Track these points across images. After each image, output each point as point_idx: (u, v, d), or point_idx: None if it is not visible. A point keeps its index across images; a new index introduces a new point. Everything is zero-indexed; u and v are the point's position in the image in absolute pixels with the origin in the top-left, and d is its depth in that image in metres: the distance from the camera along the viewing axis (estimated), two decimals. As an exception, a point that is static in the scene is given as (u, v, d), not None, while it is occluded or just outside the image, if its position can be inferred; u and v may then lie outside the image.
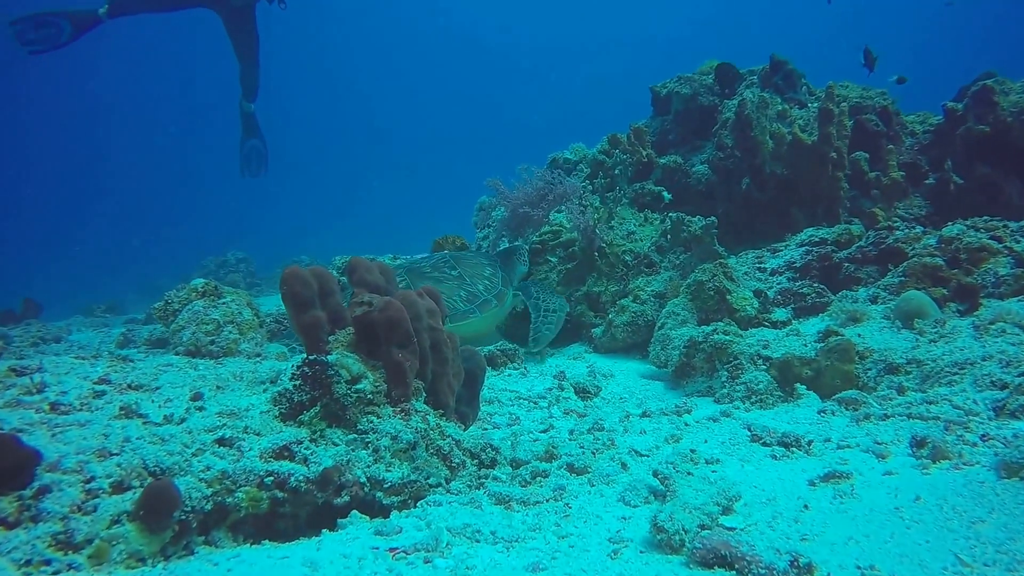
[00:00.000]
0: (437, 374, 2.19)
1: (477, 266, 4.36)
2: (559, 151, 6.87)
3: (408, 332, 2.02)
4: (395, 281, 2.42)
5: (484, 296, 4.14)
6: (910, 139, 5.47)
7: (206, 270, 11.44)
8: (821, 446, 2.02)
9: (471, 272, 4.26)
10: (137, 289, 11.68)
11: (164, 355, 3.04)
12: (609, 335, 4.28)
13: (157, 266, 15.61)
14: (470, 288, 4.13)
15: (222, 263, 11.76)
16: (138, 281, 13.15)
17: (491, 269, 4.40)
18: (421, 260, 4.48)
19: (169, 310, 3.35)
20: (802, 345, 2.94)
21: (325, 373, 1.86)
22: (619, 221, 4.98)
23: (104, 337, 5.30)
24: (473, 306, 4.05)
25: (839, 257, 3.68)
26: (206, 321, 3.13)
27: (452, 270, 4.22)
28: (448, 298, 3.99)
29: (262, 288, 10.96)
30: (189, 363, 2.66)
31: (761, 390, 2.76)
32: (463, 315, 3.97)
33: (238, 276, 10.90)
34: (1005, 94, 4.79)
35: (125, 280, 13.95)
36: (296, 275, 2.06)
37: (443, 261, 4.31)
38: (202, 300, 3.25)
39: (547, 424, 2.66)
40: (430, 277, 4.11)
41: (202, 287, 3.36)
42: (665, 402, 3.04)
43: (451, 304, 3.96)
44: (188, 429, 1.75)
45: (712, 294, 3.48)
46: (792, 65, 5.77)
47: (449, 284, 4.09)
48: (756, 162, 4.97)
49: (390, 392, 1.99)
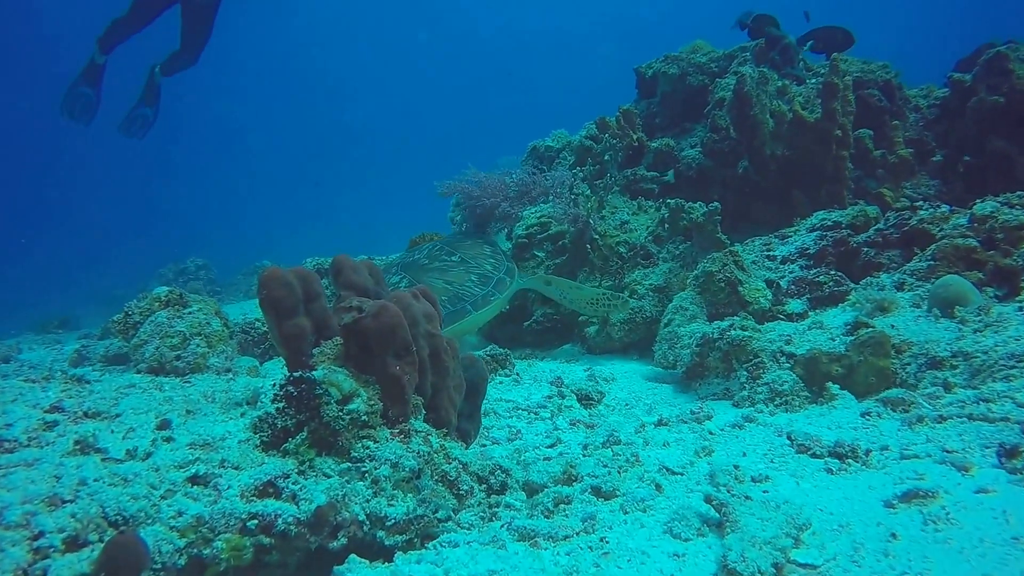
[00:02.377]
0: (437, 387, 1.92)
1: (474, 246, 4.09)
2: (540, 139, 6.61)
3: (406, 340, 1.75)
4: (384, 282, 2.15)
5: (496, 275, 3.86)
6: (914, 114, 5.28)
7: (164, 279, 10.90)
8: (881, 456, 1.79)
9: (472, 254, 3.98)
10: (91, 301, 11.04)
11: (125, 374, 2.73)
12: (605, 334, 4.03)
13: (112, 276, 14.88)
14: (478, 270, 3.85)
15: (181, 271, 11.28)
16: (92, 293, 12.52)
17: (489, 247, 4.14)
18: (413, 253, 4.17)
19: (129, 323, 3.04)
20: (828, 339, 2.71)
21: (312, 392, 1.58)
22: (611, 210, 4.73)
23: (57, 355, 4.93)
24: (490, 287, 3.77)
25: (856, 242, 3.45)
26: (171, 334, 2.82)
27: (451, 256, 3.94)
28: (461, 284, 3.73)
29: (223, 296, 10.46)
30: (153, 383, 2.37)
31: (786, 391, 2.53)
32: (484, 299, 3.70)
33: (198, 284, 10.42)
34: (1021, 61, 4.55)
35: (77, 292, 13.28)
36: (277, 278, 1.78)
37: (438, 249, 4.02)
38: (166, 311, 2.94)
39: (554, 438, 2.40)
40: (432, 268, 3.83)
41: (165, 296, 3.05)
42: (678, 407, 2.79)
43: (467, 290, 3.68)
44: (155, 466, 1.48)
45: (723, 286, 3.24)
46: (790, 39, 5.55)
47: (457, 271, 3.81)
48: (756, 143, 4.74)
49: (386, 411, 1.72)
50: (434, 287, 3.70)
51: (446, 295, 3.66)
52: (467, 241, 4.16)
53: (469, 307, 3.65)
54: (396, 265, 3.98)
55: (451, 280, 3.75)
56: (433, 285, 3.70)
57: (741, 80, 4.70)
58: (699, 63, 6.19)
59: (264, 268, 1.79)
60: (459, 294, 3.68)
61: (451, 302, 3.63)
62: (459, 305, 3.64)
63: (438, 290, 3.67)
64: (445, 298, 3.64)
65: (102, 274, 16.01)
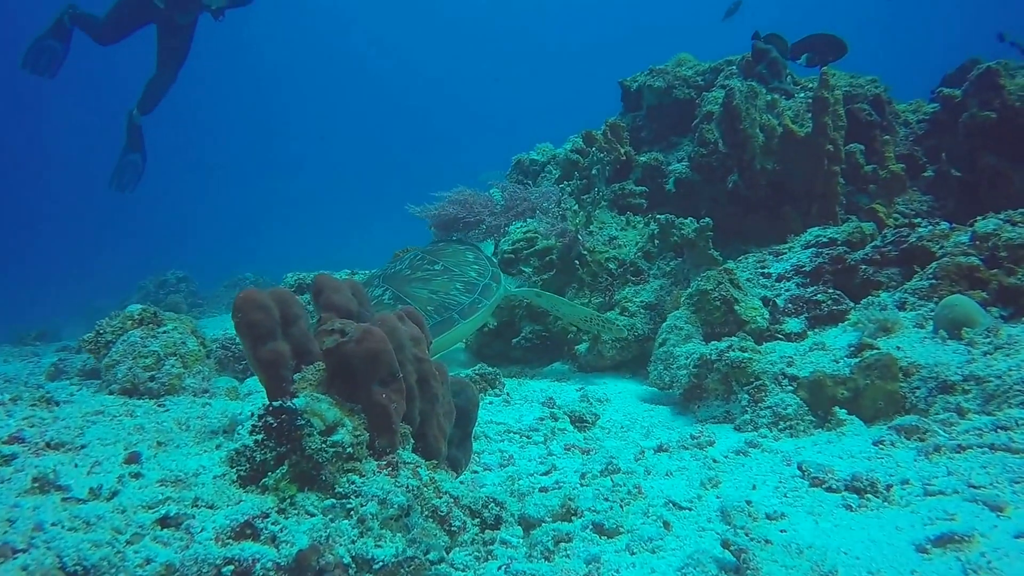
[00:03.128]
0: (426, 415, 1.79)
1: (456, 253, 3.96)
2: (524, 152, 6.52)
3: (392, 365, 1.63)
4: (369, 303, 2.02)
5: (482, 281, 3.73)
6: (904, 129, 5.25)
7: (145, 291, 10.74)
8: (903, 491, 1.68)
9: (455, 262, 3.85)
10: (71, 313, 10.82)
11: (96, 395, 2.58)
12: (595, 352, 3.92)
13: (92, 288, 14.52)
14: (462, 278, 3.72)
15: (162, 283, 11.00)
16: (72, 304, 12.16)
17: (471, 253, 4.01)
18: (394, 264, 4.03)
19: (101, 341, 2.88)
20: (832, 361, 2.62)
21: (293, 423, 1.45)
22: (599, 225, 4.63)
23: (34, 368, 4.76)
24: (476, 294, 3.65)
25: (854, 259, 3.37)
26: (144, 354, 2.67)
27: (434, 265, 3.81)
28: (446, 293, 3.60)
29: (205, 308, 10.36)
30: (125, 406, 2.21)
31: (791, 415, 2.43)
32: (472, 307, 3.57)
33: (179, 297, 10.22)
34: (1011, 76, 4.53)
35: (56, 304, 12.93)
36: (253, 300, 1.65)
37: (419, 259, 3.89)
38: (139, 329, 2.79)
39: (548, 464, 2.28)
40: (414, 279, 3.69)
41: (139, 314, 2.90)
42: (677, 431, 2.68)
43: (453, 299, 3.56)
44: (121, 506, 1.33)
45: (719, 304, 3.14)
46: (776, 53, 5.51)
47: (440, 280, 3.68)
48: (745, 158, 4.67)
49: (373, 442, 1.59)
50: (418, 298, 3.58)
51: (431, 305, 3.54)
52: (448, 248, 4.04)
53: (456, 316, 3.53)
54: (378, 277, 3.85)
55: (436, 289, 3.64)
56: (417, 296, 3.58)
57: (730, 94, 4.64)
58: (685, 76, 6.14)
59: (241, 289, 1.65)
60: (445, 303, 3.56)
61: (437, 312, 3.52)
62: (446, 315, 3.52)
63: (423, 300, 3.55)
64: (431, 308, 3.53)
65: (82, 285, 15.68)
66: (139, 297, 10.40)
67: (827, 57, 5.52)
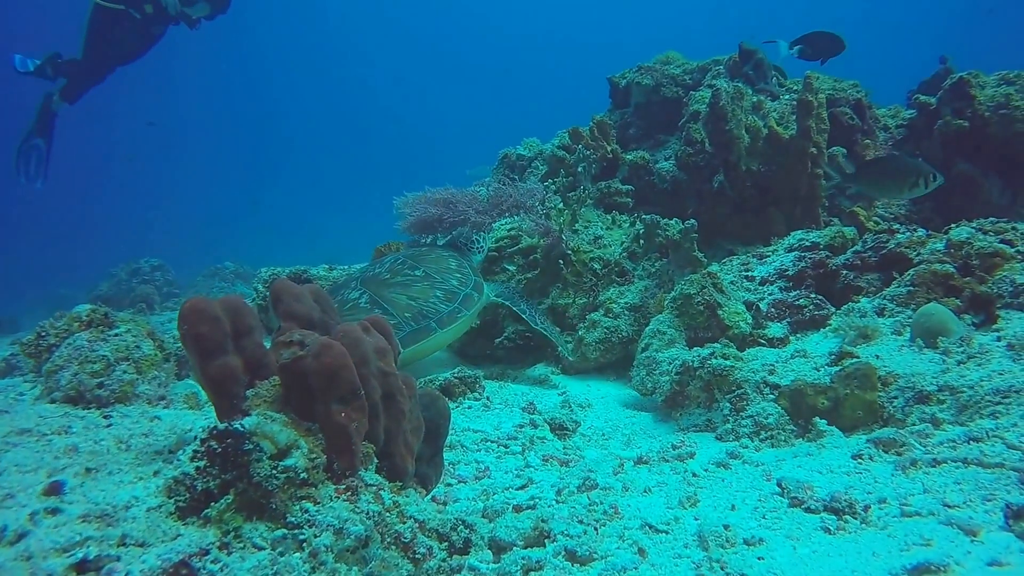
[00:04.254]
0: (391, 433, 1.70)
1: (439, 260, 3.85)
2: (511, 147, 6.42)
3: (353, 383, 1.53)
4: (333, 310, 1.92)
5: (463, 291, 3.63)
6: (883, 133, 5.21)
7: (116, 279, 10.20)
8: (880, 512, 1.62)
9: (436, 268, 3.75)
10: (36, 302, 10.34)
11: (36, 405, 2.42)
12: (579, 354, 3.84)
13: (60, 276, 14.10)
14: (444, 285, 3.62)
15: (134, 271, 10.38)
16: (38, 293, 11.76)
17: (455, 261, 3.89)
18: (374, 266, 3.91)
19: (42, 345, 2.73)
20: (813, 369, 2.54)
21: (240, 448, 1.35)
22: (584, 224, 4.54)
23: None
24: (456, 303, 3.55)
25: (835, 264, 3.31)
26: (92, 359, 2.49)
27: (414, 270, 3.70)
28: (425, 300, 3.50)
29: (180, 298, 9.78)
30: (64, 419, 2.08)
31: (771, 424, 2.36)
32: (451, 316, 3.47)
33: (151, 288, 9.74)
34: (981, 87, 4.58)
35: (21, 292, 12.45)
36: (199, 310, 1.54)
37: (400, 263, 3.78)
38: (87, 332, 2.61)
39: (525, 478, 2.19)
40: (393, 283, 3.59)
41: (87, 315, 2.74)
42: (658, 439, 2.61)
43: (432, 307, 3.46)
44: (27, 552, 1.16)
45: (702, 309, 3.06)
46: (762, 54, 5.44)
47: (420, 286, 3.58)
48: (731, 158, 4.60)
49: (331, 464, 1.50)
50: (397, 303, 3.48)
51: (410, 312, 3.44)
52: (431, 254, 3.92)
53: (434, 325, 3.43)
54: (356, 280, 3.73)
55: (415, 296, 3.53)
56: (396, 301, 3.48)
57: (716, 94, 4.57)
58: (673, 75, 6.08)
59: (187, 298, 1.54)
60: (423, 311, 3.46)
61: (415, 319, 3.42)
62: (424, 323, 3.42)
63: (401, 306, 3.45)
64: (409, 315, 3.43)
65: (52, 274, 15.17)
66: (109, 286, 9.99)
67: (824, 53, 5.46)
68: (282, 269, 5.71)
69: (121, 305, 8.86)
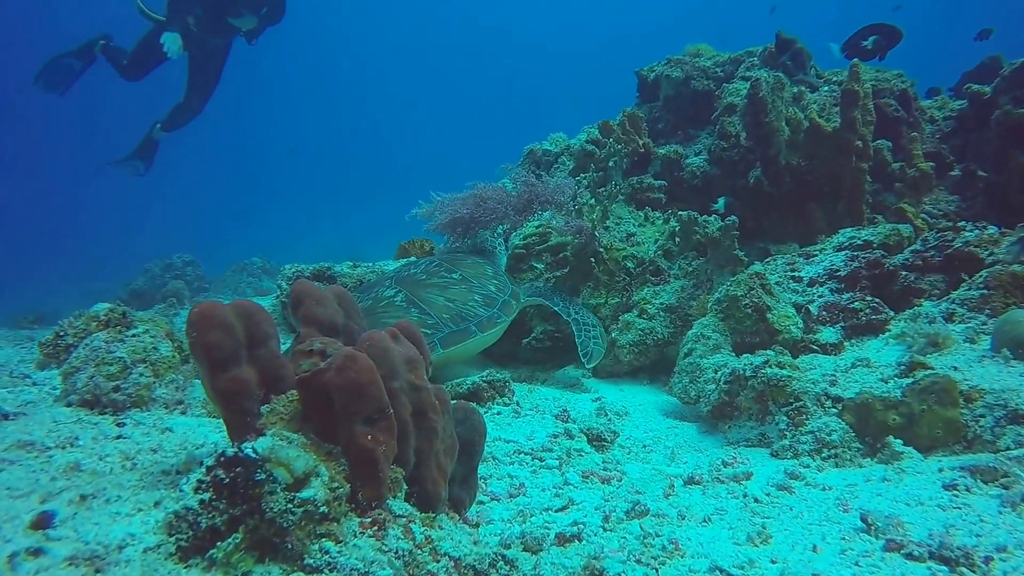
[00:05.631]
0: (423, 454, 1.51)
1: (475, 265, 3.70)
2: (536, 142, 6.21)
3: (380, 400, 1.34)
4: (359, 314, 1.73)
5: (502, 297, 3.50)
6: (930, 126, 4.95)
7: (151, 274, 10.55)
8: (1004, 565, 1.38)
9: (473, 273, 3.60)
10: (73, 296, 10.51)
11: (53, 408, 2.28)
12: (612, 357, 3.64)
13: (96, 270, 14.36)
14: (481, 290, 3.47)
15: (167, 266, 10.78)
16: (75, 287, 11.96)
17: (491, 267, 3.76)
18: (408, 267, 3.75)
19: (61, 344, 2.60)
20: (879, 380, 2.32)
21: (250, 478, 1.16)
22: (615, 221, 4.33)
23: (26, 354, 4.47)
24: (495, 309, 3.41)
25: (892, 264, 3.07)
26: (108, 361, 2.37)
27: (451, 273, 3.55)
28: (464, 303, 3.36)
29: (210, 293, 10.16)
30: (76, 426, 1.92)
31: (835, 441, 2.15)
32: (490, 320, 3.33)
33: (181, 284, 9.94)
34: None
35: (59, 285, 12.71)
36: (210, 316, 1.36)
37: (436, 265, 3.62)
38: (104, 332, 2.49)
39: (565, 498, 1.99)
40: (430, 284, 3.43)
41: (105, 314, 2.61)
42: (705, 453, 2.40)
43: (471, 310, 3.32)
44: None
45: (750, 312, 2.85)
46: (801, 43, 5.19)
47: (458, 289, 3.44)
48: (770, 152, 4.37)
49: (355, 494, 1.31)
50: (434, 304, 3.32)
51: (448, 313, 3.29)
52: (467, 260, 3.77)
53: (474, 328, 3.29)
54: (390, 278, 3.56)
55: (453, 298, 3.39)
56: (433, 302, 3.33)
57: (756, 84, 4.33)
58: (704, 67, 5.85)
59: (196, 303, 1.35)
60: (462, 313, 3.32)
61: (454, 321, 3.26)
62: (463, 325, 3.27)
63: (439, 307, 3.30)
64: (447, 316, 3.28)
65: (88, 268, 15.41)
66: (144, 280, 10.33)
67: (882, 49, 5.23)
68: (306, 266, 5.54)
69: (153, 300, 9.17)
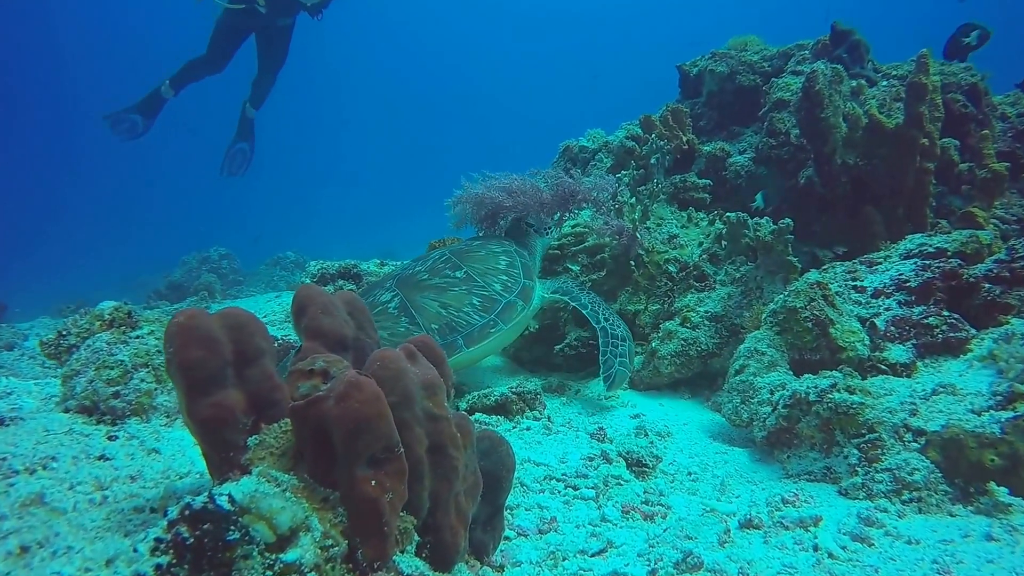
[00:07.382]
0: (439, 498, 1.27)
1: (487, 257, 3.37)
2: (573, 139, 5.94)
3: (388, 437, 1.10)
4: (372, 325, 1.50)
5: (505, 298, 3.16)
6: (1001, 124, 4.58)
7: (188, 266, 10.96)
8: None
9: (481, 268, 3.27)
10: (116, 286, 11.01)
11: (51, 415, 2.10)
12: (651, 368, 3.37)
13: (137, 261, 14.72)
14: (484, 291, 3.15)
15: (204, 259, 11.25)
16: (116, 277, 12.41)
17: (506, 258, 3.39)
18: (416, 263, 3.47)
19: (63, 345, 2.42)
20: (969, 412, 2.03)
21: (220, 537, 0.93)
22: (656, 222, 4.06)
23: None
24: (492, 315, 3.08)
25: (972, 275, 2.76)
26: (109, 364, 2.18)
27: (456, 271, 3.23)
28: (458, 310, 3.05)
29: (243, 287, 10.37)
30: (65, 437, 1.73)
31: (918, 483, 1.87)
32: (482, 332, 3.01)
33: (214, 277, 10.16)
34: None
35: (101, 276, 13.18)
36: (191, 329, 1.14)
37: (442, 261, 3.31)
38: (108, 333, 2.31)
39: (603, 539, 1.74)
40: (428, 286, 3.14)
41: (110, 314, 2.42)
42: (761, 486, 2.13)
43: (463, 318, 3.02)
44: None
45: (810, 326, 2.56)
46: (859, 35, 4.85)
47: (455, 292, 3.12)
48: (824, 150, 4.06)
49: (354, 551, 1.08)
50: (427, 311, 3.04)
51: (437, 323, 2.98)
52: (481, 251, 3.44)
53: (461, 341, 2.95)
54: (392, 278, 3.29)
55: (447, 302, 3.07)
56: (426, 308, 3.03)
57: (812, 77, 4.02)
58: (750, 61, 5.54)
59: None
60: (452, 323, 3.00)
61: (441, 333, 2.96)
62: (450, 338, 2.96)
63: (430, 315, 3.00)
64: (436, 326, 2.97)
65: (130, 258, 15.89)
66: (182, 273, 10.67)
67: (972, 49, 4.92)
68: (332, 263, 5.34)
69: (187, 292, 9.52)
